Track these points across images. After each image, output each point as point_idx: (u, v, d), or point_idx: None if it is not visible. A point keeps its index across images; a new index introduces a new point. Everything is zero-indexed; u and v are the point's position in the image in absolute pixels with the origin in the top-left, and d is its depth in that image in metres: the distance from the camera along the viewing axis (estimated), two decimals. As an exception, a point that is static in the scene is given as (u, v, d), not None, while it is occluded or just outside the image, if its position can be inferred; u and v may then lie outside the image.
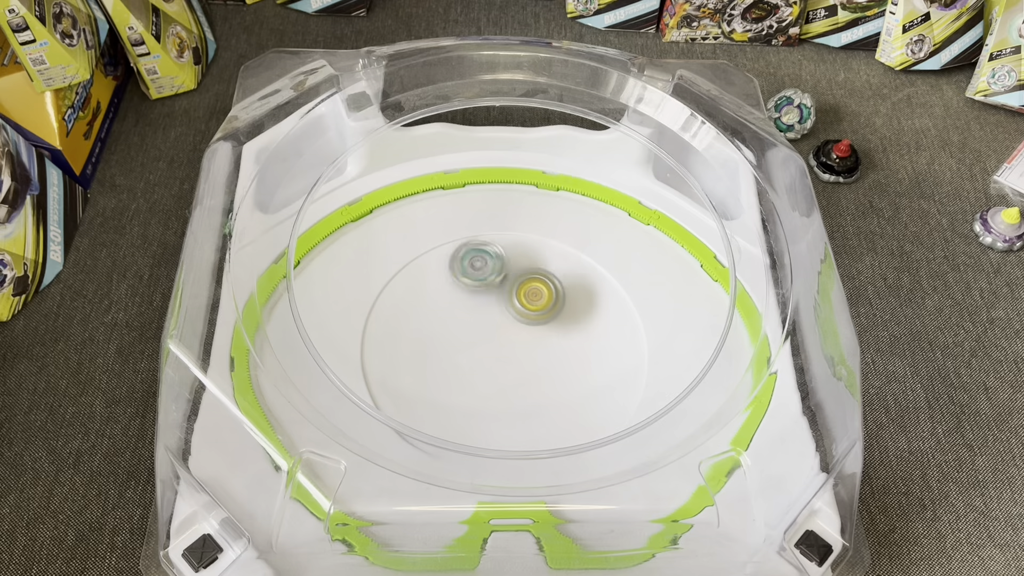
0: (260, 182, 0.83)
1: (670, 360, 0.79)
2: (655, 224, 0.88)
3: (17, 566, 0.77)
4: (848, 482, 0.67)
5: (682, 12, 1.22)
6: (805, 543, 0.66)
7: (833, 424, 0.70)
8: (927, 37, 1.18)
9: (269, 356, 0.72)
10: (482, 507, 0.66)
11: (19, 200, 0.91)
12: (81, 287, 0.96)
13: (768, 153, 0.86)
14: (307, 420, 0.66)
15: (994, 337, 0.96)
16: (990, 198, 1.09)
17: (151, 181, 1.06)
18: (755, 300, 0.80)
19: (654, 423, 0.67)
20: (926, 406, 0.90)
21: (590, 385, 0.78)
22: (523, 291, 0.81)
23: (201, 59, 1.17)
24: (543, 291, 0.81)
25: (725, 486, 0.67)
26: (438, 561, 0.69)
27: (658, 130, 0.88)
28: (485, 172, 0.91)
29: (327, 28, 1.24)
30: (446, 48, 0.90)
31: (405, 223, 0.88)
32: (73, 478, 0.82)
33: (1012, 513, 0.84)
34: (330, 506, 0.65)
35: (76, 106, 1.02)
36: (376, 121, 0.88)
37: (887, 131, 1.15)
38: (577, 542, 0.68)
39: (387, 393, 0.75)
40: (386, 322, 0.80)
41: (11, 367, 0.89)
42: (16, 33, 0.92)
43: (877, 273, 1.01)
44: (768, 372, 0.73)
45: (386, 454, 0.65)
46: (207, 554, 0.63)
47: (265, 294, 0.78)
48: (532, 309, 0.80)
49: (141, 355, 0.91)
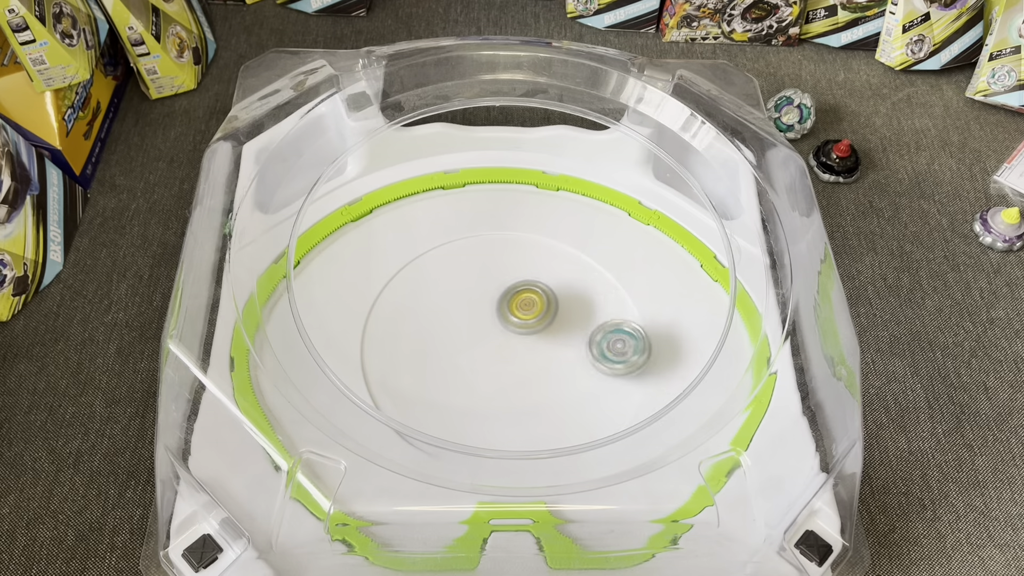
0: (260, 182, 0.83)
1: (669, 359, 0.79)
2: (655, 224, 0.88)
3: (17, 566, 0.77)
4: (848, 482, 0.67)
5: (682, 12, 1.22)
6: (805, 543, 0.65)
7: (833, 424, 0.70)
8: (927, 37, 1.18)
9: (269, 356, 0.72)
10: (482, 507, 0.65)
11: (19, 200, 0.91)
12: (81, 287, 0.96)
13: (768, 153, 0.86)
14: (307, 420, 0.66)
15: (994, 337, 0.96)
16: (990, 198, 1.09)
17: (151, 181, 1.06)
18: (755, 300, 0.80)
19: (654, 423, 0.67)
20: (926, 406, 0.90)
21: (590, 385, 0.78)
22: (515, 303, 0.81)
23: (201, 59, 1.17)
24: (535, 301, 0.81)
25: (725, 486, 0.67)
26: (438, 561, 0.69)
27: (658, 130, 0.88)
28: (485, 172, 0.91)
29: (327, 28, 1.24)
30: (446, 48, 0.90)
31: (405, 223, 0.88)
32: (73, 478, 0.82)
33: (1012, 513, 0.84)
34: (330, 506, 0.65)
35: (76, 106, 1.02)
36: (376, 121, 0.88)
37: (887, 131, 1.15)
38: (577, 542, 0.68)
39: (387, 393, 0.75)
40: (386, 322, 0.80)
41: (11, 367, 0.89)
42: (16, 33, 0.92)
43: (877, 273, 1.01)
44: (768, 372, 0.73)
45: (386, 454, 0.65)
46: (207, 554, 0.63)
47: (265, 294, 0.78)
48: (525, 319, 0.80)
49: (141, 355, 0.91)
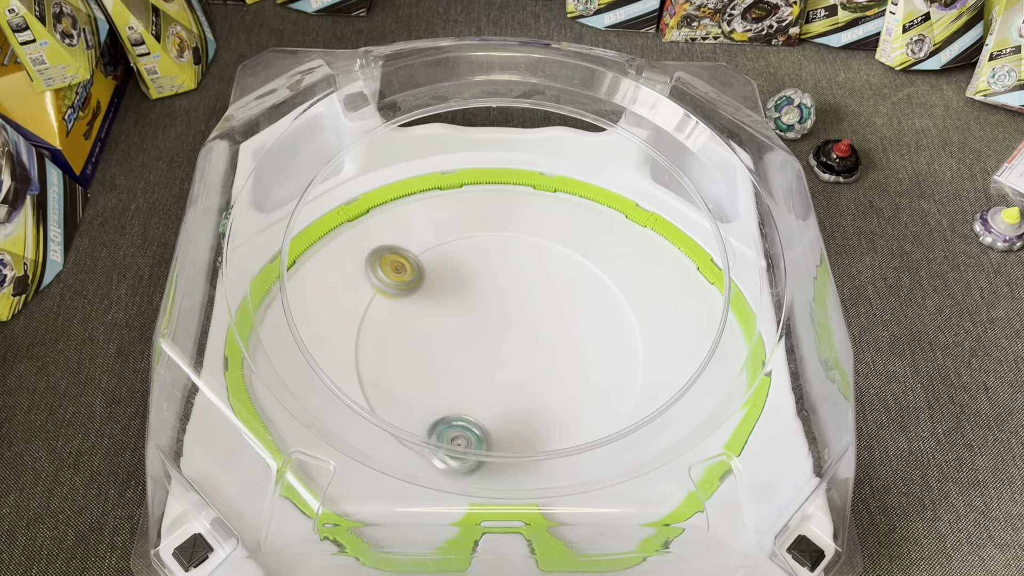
0: (256, 181, 0.83)
1: (665, 362, 0.79)
2: (652, 226, 0.88)
3: (17, 566, 0.78)
4: (841, 487, 0.67)
5: (682, 12, 1.21)
6: (797, 548, 0.65)
7: (827, 428, 0.70)
8: (927, 37, 1.18)
9: (261, 357, 0.72)
10: (474, 509, 0.65)
11: (19, 200, 0.92)
12: (81, 287, 0.96)
13: (765, 156, 0.86)
14: (297, 420, 0.66)
15: (994, 337, 0.96)
16: (990, 198, 1.08)
17: (151, 181, 1.06)
18: (751, 303, 0.80)
19: (647, 426, 0.67)
20: (926, 406, 0.90)
21: (584, 387, 0.78)
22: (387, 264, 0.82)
23: (201, 59, 1.17)
24: (404, 265, 0.82)
25: (717, 490, 0.67)
26: (429, 563, 0.70)
27: (655, 132, 0.88)
28: (482, 173, 0.91)
29: (327, 28, 1.24)
30: (444, 48, 0.89)
31: (402, 224, 0.88)
32: (73, 478, 0.83)
33: (1012, 513, 0.84)
34: (318, 506, 0.65)
35: (76, 106, 1.02)
36: (373, 121, 0.88)
37: (887, 131, 1.15)
38: (568, 545, 0.68)
39: (381, 394, 0.76)
40: (381, 323, 0.80)
41: (11, 367, 0.89)
42: (16, 33, 0.92)
43: (877, 273, 1.01)
44: (762, 373, 0.73)
45: (377, 455, 0.65)
46: (197, 553, 0.63)
47: (260, 294, 0.78)
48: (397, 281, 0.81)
49: (141, 355, 0.91)
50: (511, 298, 0.84)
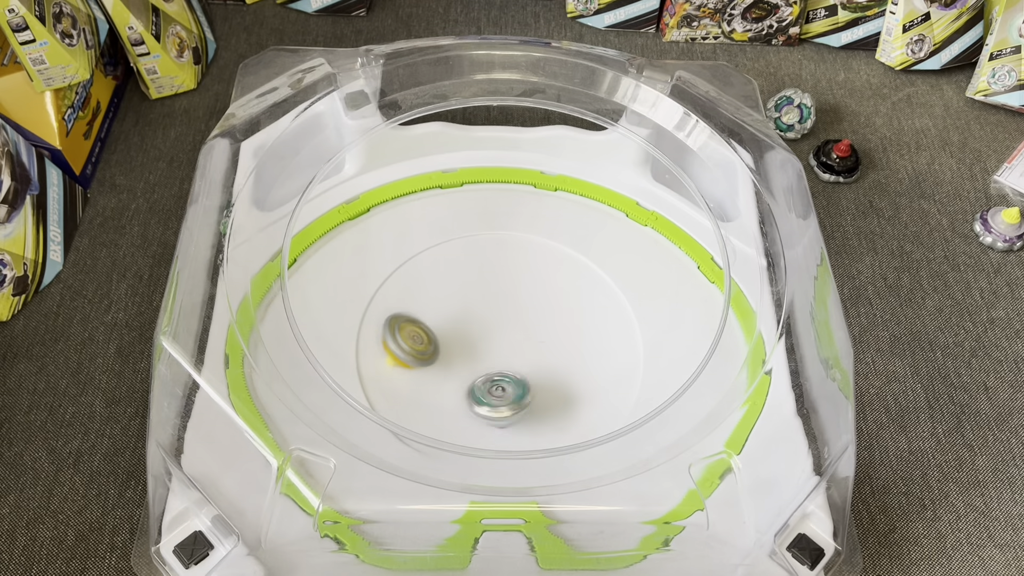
0: (257, 179, 0.83)
1: (665, 361, 0.79)
2: (653, 225, 0.88)
3: (17, 566, 0.78)
4: (841, 485, 0.67)
5: (682, 12, 1.21)
6: (797, 546, 0.65)
7: (827, 427, 0.70)
8: (927, 37, 1.18)
9: (262, 355, 0.72)
10: (474, 507, 0.66)
11: (19, 200, 0.92)
12: (81, 287, 0.96)
13: (766, 155, 0.86)
14: (298, 418, 0.66)
15: (994, 337, 0.96)
16: (990, 198, 1.08)
17: (151, 181, 1.06)
18: (751, 301, 0.80)
19: (647, 424, 0.67)
20: (926, 406, 0.90)
21: (585, 385, 0.78)
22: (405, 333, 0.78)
23: (201, 59, 1.17)
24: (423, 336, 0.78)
25: (717, 489, 0.67)
26: (429, 560, 0.70)
27: (656, 131, 0.88)
28: (483, 172, 0.91)
29: (327, 28, 1.24)
30: (444, 47, 0.90)
31: (402, 222, 0.88)
32: (73, 478, 0.82)
33: (1012, 513, 0.84)
34: (318, 503, 0.65)
35: (76, 106, 1.02)
36: (374, 119, 0.88)
37: (887, 131, 1.15)
38: (568, 543, 0.68)
39: (381, 392, 0.76)
40: (381, 322, 0.80)
41: (11, 367, 0.89)
42: (16, 33, 0.92)
43: (877, 273, 1.01)
44: (762, 371, 0.73)
45: (378, 453, 0.65)
46: (198, 551, 0.63)
47: (261, 292, 0.78)
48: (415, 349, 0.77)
49: (141, 355, 0.91)
50: (511, 296, 0.84)
